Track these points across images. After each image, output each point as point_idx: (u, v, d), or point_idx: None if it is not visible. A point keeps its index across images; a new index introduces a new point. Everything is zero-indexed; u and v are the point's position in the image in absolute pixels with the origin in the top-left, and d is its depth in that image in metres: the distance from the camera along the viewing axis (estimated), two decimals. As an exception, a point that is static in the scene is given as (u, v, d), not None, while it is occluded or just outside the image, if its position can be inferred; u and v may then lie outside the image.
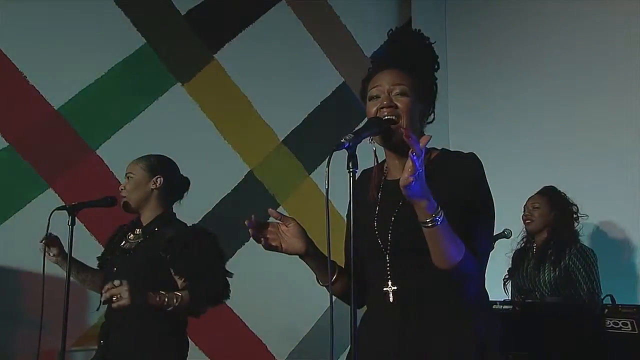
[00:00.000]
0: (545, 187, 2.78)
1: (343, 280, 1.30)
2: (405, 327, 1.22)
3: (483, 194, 1.24)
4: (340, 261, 1.36)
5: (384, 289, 1.24)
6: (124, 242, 2.00)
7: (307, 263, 1.32)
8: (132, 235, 2.00)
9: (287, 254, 1.30)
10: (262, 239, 1.29)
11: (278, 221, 1.30)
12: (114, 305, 1.73)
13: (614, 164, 2.99)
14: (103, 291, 1.77)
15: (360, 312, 1.29)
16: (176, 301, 1.79)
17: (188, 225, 1.99)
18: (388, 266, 1.25)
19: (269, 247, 1.30)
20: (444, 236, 1.14)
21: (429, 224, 1.12)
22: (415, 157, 1.06)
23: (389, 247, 1.25)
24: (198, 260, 1.88)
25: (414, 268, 1.24)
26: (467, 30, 3.83)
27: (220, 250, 1.96)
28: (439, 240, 1.14)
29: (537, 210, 2.71)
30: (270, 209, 1.30)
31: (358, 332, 1.26)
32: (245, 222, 1.27)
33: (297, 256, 1.32)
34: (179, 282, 1.87)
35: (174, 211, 2.04)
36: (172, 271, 1.88)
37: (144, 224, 1.98)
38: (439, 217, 1.12)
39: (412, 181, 1.07)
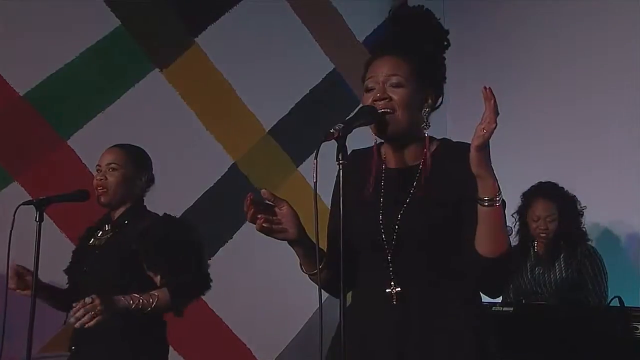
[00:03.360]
0: (545, 187, 2.73)
1: (328, 270, 1.29)
2: (405, 329, 1.22)
3: None
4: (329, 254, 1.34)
5: (387, 290, 1.24)
6: (92, 240, 1.97)
7: (294, 249, 1.30)
8: (100, 232, 1.98)
9: (277, 238, 1.27)
10: (258, 218, 1.24)
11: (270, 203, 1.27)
12: (88, 325, 1.65)
13: (620, 160, 3.01)
14: (72, 312, 1.68)
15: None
16: (152, 301, 1.76)
17: (159, 215, 1.96)
18: (390, 264, 1.24)
19: (262, 228, 1.25)
20: (497, 220, 1.14)
21: (487, 203, 1.12)
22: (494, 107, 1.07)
23: (393, 244, 1.24)
24: (174, 253, 1.85)
25: (416, 267, 1.24)
26: (467, 15, 3.83)
27: (197, 239, 1.93)
28: (494, 223, 1.14)
29: (553, 223, 2.65)
30: (263, 190, 1.27)
31: (351, 331, 1.26)
32: (247, 199, 1.23)
33: (285, 242, 1.29)
34: (155, 279, 1.85)
35: (144, 203, 2.01)
36: (145, 267, 1.85)
37: (114, 219, 1.95)
38: (499, 198, 1.13)
39: (488, 137, 1.08)
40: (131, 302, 1.74)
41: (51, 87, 2.82)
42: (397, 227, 1.24)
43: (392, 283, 1.23)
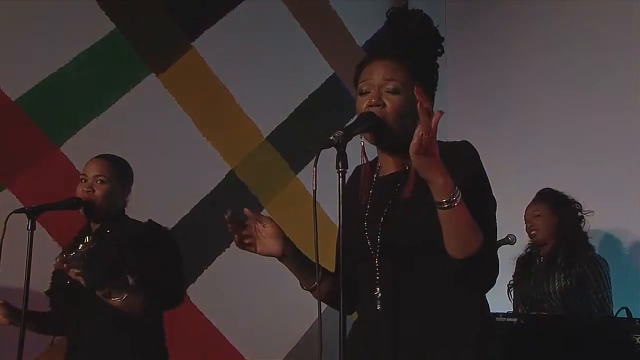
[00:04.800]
0: (541, 191, 2.77)
1: (329, 284, 1.31)
2: (394, 335, 1.23)
3: (479, 179, 1.23)
4: (330, 266, 1.36)
5: (373, 294, 1.25)
6: (73, 253, 1.97)
7: (286, 265, 1.31)
8: (81, 245, 1.97)
9: (262, 255, 1.30)
10: (236, 235, 1.29)
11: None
12: (73, 275, 1.69)
13: (625, 165, 3.02)
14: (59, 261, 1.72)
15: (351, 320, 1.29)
16: (124, 296, 1.77)
17: (141, 221, 1.97)
18: (377, 270, 1.25)
19: (242, 245, 1.30)
20: (461, 220, 1.13)
21: (445, 205, 1.12)
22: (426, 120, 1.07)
23: (378, 249, 1.26)
24: (152, 258, 1.86)
25: (404, 272, 1.24)
26: (468, 20, 3.85)
27: (178, 250, 1.94)
28: (455, 224, 1.14)
29: (539, 218, 2.69)
30: (245, 209, 1.31)
31: (349, 340, 1.27)
32: (225, 216, 1.28)
33: (276, 259, 1.32)
34: (130, 280, 1.85)
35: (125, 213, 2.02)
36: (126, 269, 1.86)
37: (95, 229, 1.96)
38: (456, 197, 1.12)
39: (424, 144, 1.07)
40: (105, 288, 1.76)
41: (44, 92, 2.82)
42: (379, 232, 1.26)
43: (378, 288, 1.24)
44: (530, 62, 3.54)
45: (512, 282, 2.81)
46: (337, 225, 1.35)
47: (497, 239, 1.39)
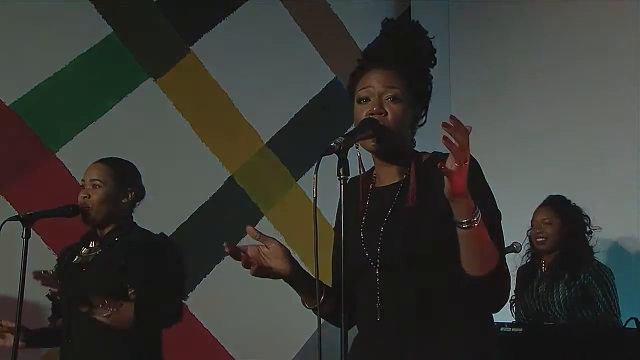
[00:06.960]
0: (553, 198, 2.76)
1: (331, 301, 1.31)
2: (394, 348, 1.23)
3: (486, 195, 1.24)
4: (329, 280, 1.36)
5: (373, 305, 1.26)
6: (76, 257, 1.97)
7: (291, 285, 1.32)
8: (85, 249, 1.97)
9: (269, 278, 1.30)
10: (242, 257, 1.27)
11: (258, 242, 1.30)
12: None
13: (634, 172, 3.01)
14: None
15: (352, 334, 1.29)
16: (113, 309, 1.75)
17: (152, 232, 1.97)
18: (378, 281, 1.26)
19: (248, 266, 1.28)
20: (479, 239, 1.15)
21: (465, 225, 1.13)
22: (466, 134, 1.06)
23: (378, 261, 1.26)
24: (155, 273, 1.85)
25: (405, 283, 1.25)
26: (471, 24, 3.86)
27: (183, 267, 1.94)
28: (476, 243, 1.15)
29: (549, 226, 2.67)
30: (248, 227, 1.30)
31: (350, 353, 1.27)
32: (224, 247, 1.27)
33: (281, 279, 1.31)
34: (129, 292, 1.84)
35: (134, 220, 2.02)
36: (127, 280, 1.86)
37: (103, 235, 1.95)
38: (477, 218, 1.13)
39: (466, 161, 1.07)
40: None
41: (40, 96, 2.83)
42: (379, 243, 1.26)
43: (378, 299, 1.25)
44: (533, 62, 3.53)
45: (514, 296, 2.79)
46: (336, 235, 1.36)
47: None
